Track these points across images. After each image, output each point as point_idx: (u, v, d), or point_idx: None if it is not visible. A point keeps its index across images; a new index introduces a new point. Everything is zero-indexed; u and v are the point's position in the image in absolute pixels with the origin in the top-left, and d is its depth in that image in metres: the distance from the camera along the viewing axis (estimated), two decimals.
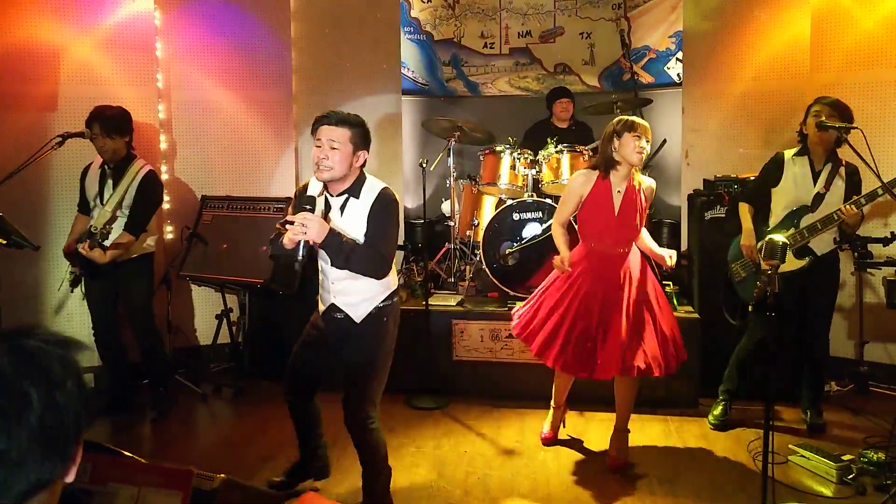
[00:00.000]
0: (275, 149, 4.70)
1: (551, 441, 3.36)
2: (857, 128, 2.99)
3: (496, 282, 4.21)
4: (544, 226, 4.13)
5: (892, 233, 3.31)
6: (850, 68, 4.08)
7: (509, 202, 4.30)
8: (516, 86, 5.93)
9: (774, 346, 2.93)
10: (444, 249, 4.75)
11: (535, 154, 4.40)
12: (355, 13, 5.07)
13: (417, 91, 5.91)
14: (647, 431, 3.45)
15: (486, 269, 4.23)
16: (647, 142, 2.90)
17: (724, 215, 3.88)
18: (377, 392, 2.54)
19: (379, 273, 2.44)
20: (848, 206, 3.09)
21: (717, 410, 3.53)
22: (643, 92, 5.20)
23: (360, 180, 2.46)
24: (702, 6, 4.67)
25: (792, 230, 3.26)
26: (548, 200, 4.23)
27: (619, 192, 2.94)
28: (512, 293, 4.17)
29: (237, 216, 4.30)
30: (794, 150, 3.38)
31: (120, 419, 3.76)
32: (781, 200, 3.35)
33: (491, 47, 5.90)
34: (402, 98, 5.39)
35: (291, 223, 2.26)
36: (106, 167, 3.64)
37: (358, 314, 2.51)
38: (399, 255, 5.14)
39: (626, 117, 2.96)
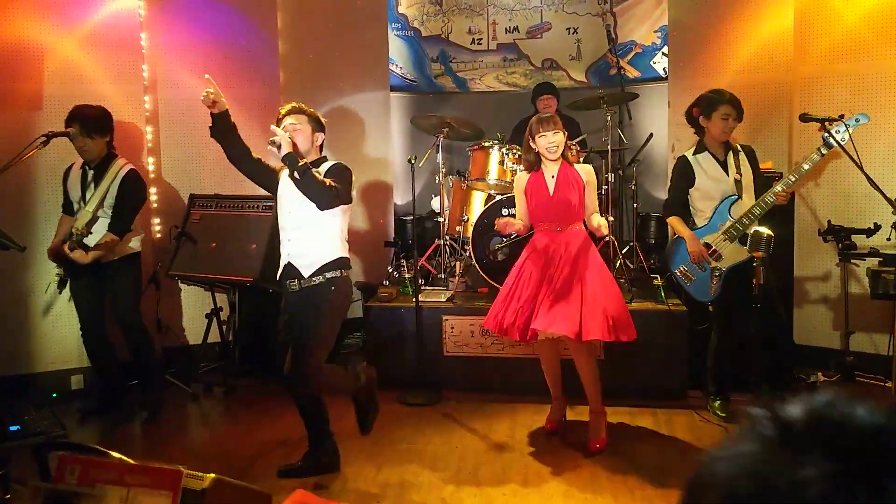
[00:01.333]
0: (263, 145, 4.65)
1: (551, 430, 3.42)
2: (839, 119, 3.03)
3: (486, 277, 4.22)
4: None
5: (874, 223, 3.35)
6: (834, 61, 4.12)
7: (498, 197, 4.31)
8: (504, 81, 5.93)
9: (751, 339, 2.96)
10: (433, 246, 4.75)
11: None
12: (343, 9, 5.05)
13: (406, 87, 5.90)
14: (637, 423, 3.47)
15: (476, 265, 4.24)
16: (557, 132, 3.10)
17: None
18: (316, 355, 2.82)
19: (326, 200, 2.72)
20: (781, 190, 3.17)
21: (717, 404, 3.54)
22: (630, 87, 5.22)
23: (321, 159, 2.90)
24: (686, 0, 4.69)
25: (729, 221, 3.31)
26: None
27: (552, 176, 3.20)
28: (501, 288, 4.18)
29: (226, 214, 4.27)
30: (691, 150, 3.47)
31: (110, 420, 3.74)
32: (703, 197, 3.41)
33: (479, 43, 5.89)
34: (390, 94, 5.39)
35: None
36: (87, 167, 3.61)
37: (307, 270, 2.77)
38: (389, 252, 5.14)
39: (535, 118, 3.19)
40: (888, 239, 3.24)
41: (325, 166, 2.85)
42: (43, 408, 3.72)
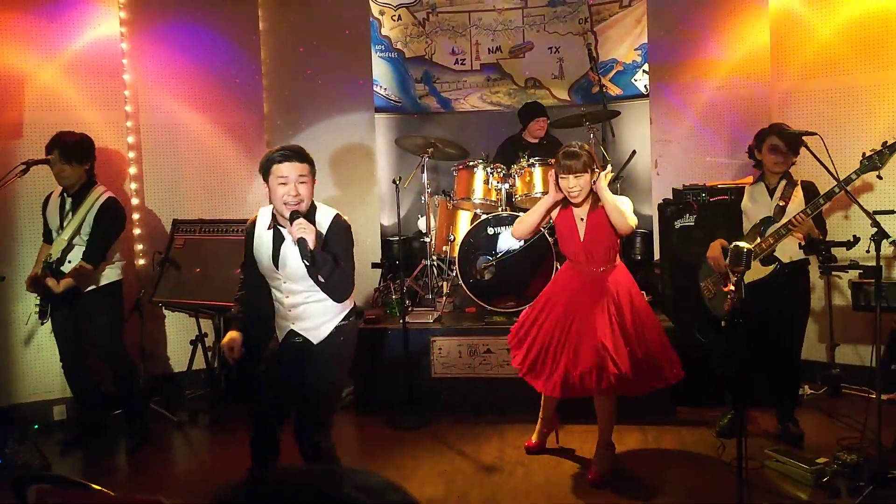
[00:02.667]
0: (247, 169, 4.66)
1: (533, 449, 3.39)
2: (815, 133, 3.07)
3: (473, 297, 4.22)
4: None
5: (854, 236, 3.37)
6: (809, 76, 4.19)
7: (484, 216, 4.32)
8: (488, 101, 5.97)
9: (744, 354, 2.96)
10: (420, 266, 4.75)
11: (508, 168, 4.43)
12: (326, 32, 5.08)
13: (390, 108, 5.93)
14: (625, 441, 3.46)
15: (463, 285, 4.23)
16: (579, 174, 2.92)
17: (693, 223, 3.94)
18: (333, 413, 2.67)
19: (346, 296, 2.57)
20: (798, 215, 3.17)
21: (724, 421, 3.54)
22: (612, 104, 5.27)
23: (313, 208, 2.54)
24: (665, 19, 4.77)
25: (758, 239, 3.33)
26: (522, 214, 4.25)
27: (581, 219, 3.06)
28: (489, 307, 4.18)
29: (209, 239, 4.25)
30: (751, 182, 3.54)
31: (93, 450, 3.68)
32: (748, 220, 3.45)
33: (462, 63, 5.94)
34: (375, 116, 5.42)
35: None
36: (65, 195, 3.57)
37: (318, 337, 2.58)
38: (376, 273, 5.12)
39: (560, 153, 2.99)
40: (867, 251, 3.27)
41: (321, 223, 2.51)
42: (24, 439, 3.65)
